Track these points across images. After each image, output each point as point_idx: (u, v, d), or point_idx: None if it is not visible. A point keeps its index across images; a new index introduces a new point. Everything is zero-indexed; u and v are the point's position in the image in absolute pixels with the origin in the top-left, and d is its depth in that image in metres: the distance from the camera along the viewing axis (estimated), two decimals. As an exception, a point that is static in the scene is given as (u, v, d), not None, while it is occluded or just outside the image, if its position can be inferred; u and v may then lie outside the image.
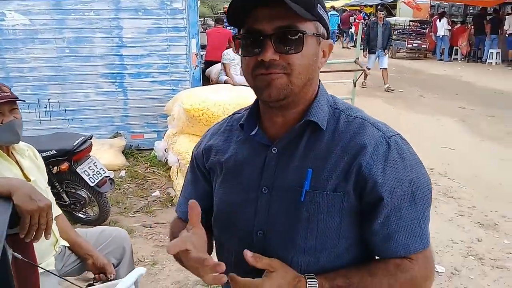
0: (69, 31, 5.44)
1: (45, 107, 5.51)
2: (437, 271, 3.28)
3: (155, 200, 4.54)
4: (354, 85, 6.58)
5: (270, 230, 1.06)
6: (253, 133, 1.09)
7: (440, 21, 16.79)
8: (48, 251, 2.09)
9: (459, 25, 17.18)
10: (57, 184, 3.73)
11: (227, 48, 8.34)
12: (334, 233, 1.02)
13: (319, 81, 1.09)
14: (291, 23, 0.95)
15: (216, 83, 7.47)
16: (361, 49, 7.57)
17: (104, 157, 4.91)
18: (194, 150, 1.26)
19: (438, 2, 19.97)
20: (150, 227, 3.99)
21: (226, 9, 14.58)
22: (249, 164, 1.10)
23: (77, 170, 3.67)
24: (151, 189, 4.81)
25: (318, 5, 0.99)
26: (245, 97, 4.22)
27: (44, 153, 3.44)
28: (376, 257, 1.07)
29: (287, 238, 1.04)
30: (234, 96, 4.28)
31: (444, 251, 3.61)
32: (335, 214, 1.01)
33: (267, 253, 1.05)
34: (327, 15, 1.05)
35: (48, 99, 5.50)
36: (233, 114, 1.22)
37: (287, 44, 0.96)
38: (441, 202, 4.50)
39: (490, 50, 15.37)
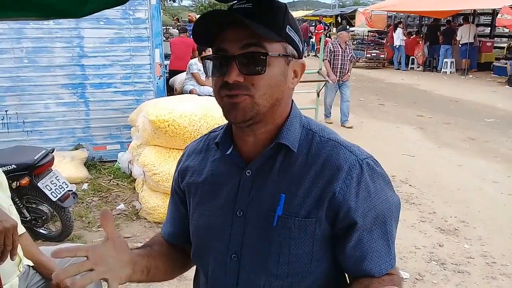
0: (27, 41, 5.28)
1: (2, 119, 5.31)
2: (402, 278, 3.37)
3: (120, 214, 4.44)
4: (318, 95, 6.69)
5: (243, 254, 1.06)
6: (228, 152, 1.08)
7: (395, 31, 17.38)
8: (12, 272, 2.01)
9: (414, 35, 17.82)
10: (17, 199, 3.59)
11: (191, 58, 8.34)
12: (306, 258, 1.02)
13: (292, 101, 1.08)
14: (256, 44, 0.95)
15: (180, 93, 7.42)
16: (323, 59, 7.74)
17: (66, 169, 4.78)
18: (174, 172, 1.25)
19: (395, 13, 20.61)
20: (116, 242, 3.90)
21: (190, 18, 14.57)
22: (224, 186, 1.09)
23: (38, 184, 3.56)
24: (115, 202, 4.71)
25: (288, 26, 0.99)
26: (211, 107, 4.22)
27: (4, 167, 3.31)
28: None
29: (259, 262, 1.04)
30: (200, 107, 4.26)
31: (408, 257, 3.71)
32: (307, 240, 1.01)
33: (241, 277, 1.06)
34: (299, 36, 1.04)
35: (6, 111, 5.30)
36: (209, 132, 1.22)
37: (251, 66, 0.95)
38: (403, 208, 4.60)
39: (445, 60, 16.00)
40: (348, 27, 9.63)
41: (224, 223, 1.07)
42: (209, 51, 5.85)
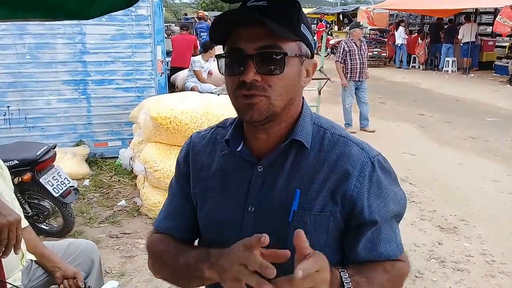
0: (29, 37, 5.29)
1: (4, 115, 5.32)
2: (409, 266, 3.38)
3: (121, 210, 4.46)
4: (319, 93, 6.70)
5: None
6: (238, 149, 1.09)
7: (397, 30, 17.34)
8: (15, 266, 2.02)
9: (416, 34, 17.79)
10: (19, 195, 3.60)
11: (192, 55, 8.34)
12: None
13: (303, 98, 1.09)
14: (274, 44, 0.95)
15: (181, 90, 7.44)
16: (324, 56, 7.70)
17: (67, 166, 4.79)
18: (177, 159, 1.22)
19: (396, 11, 20.57)
20: (117, 238, 3.92)
21: (201, 15, 14.50)
22: (234, 182, 1.09)
23: (40, 180, 3.58)
24: (117, 199, 4.73)
25: (302, 24, 1.00)
26: (213, 104, 4.23)
27: (6, 163, 3.31)
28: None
29: None
30: (201, 104, 4.27)
31: (408, 255, 3.72)
32: (322, 234, 1.03)
33: None
34: (311, 34, 1.05)
35: (8, 107, 5.32)
36: (216, 126, 1.21)
37: (269, 65, 0.96)
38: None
39: (446, 59, 15.97)
40: (361, 23, 9.44)
41: (235, 218, 1.07)
42: (214, 50, 5.84)
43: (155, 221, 1.25)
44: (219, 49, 1.17)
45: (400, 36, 17.13)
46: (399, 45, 17.37)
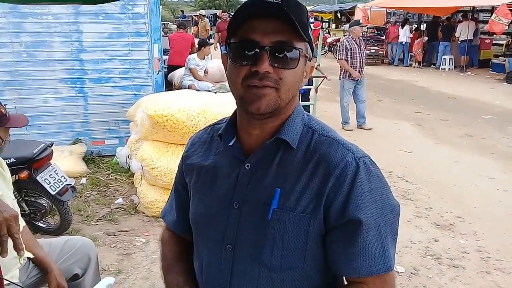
0: (26, 35, 5.29)
1: (1, 113, 5.31)
2: (397, 271, 3.40)
3: (118, 208, 4.47)
4: (316, 91, 6.70)
5: (238, 245, 1.08)
6: (230, 143, 1.11)
7: (402, 28, 17.31)
8: (13, 264, 2.03)
9: (414, 32, 17.80)
10: (16, 193, 3.60)
11: (190, 53, 8.34)
12: (300, 254, 1.04)
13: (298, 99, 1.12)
14: (288, 40, 0.98)
15: (179, 88, 7.44)
16: (322, 54, 7.69)
17: (64, 164, 4.79)
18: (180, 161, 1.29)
19: (394, 9, 20.56)
20: (114, 235, 3.93)
21: (200, 13, 14.42)
22: (224, 178, 1.12)
23: (37, 178, 3.58)
24: (114, 196, 4.73)
25: (309, 28, 1.03)
26: (210, 103, 4.24)
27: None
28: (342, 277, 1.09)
29: (253, 254, 1.06)
30: (198, 102, 4.28)
31: (404, 252, 3.75)
32: (301, 235, 1.02)
33: (235, 267, 1.08)
34: (313, 37, 1.08)
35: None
36: (213, 124, 1.24)
37: (283, 59, 0.98)
38: (400, 204, 4.64)
39: (443, 57, 15.99)
40: (360, 21, 9.43)
41: (221, 214, 1.10)
42: (209, 48, 5.91)
43: (162, 210, 1.37)
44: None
45: (405, 34, 17.09)
46: (403, 43, 17.31)
